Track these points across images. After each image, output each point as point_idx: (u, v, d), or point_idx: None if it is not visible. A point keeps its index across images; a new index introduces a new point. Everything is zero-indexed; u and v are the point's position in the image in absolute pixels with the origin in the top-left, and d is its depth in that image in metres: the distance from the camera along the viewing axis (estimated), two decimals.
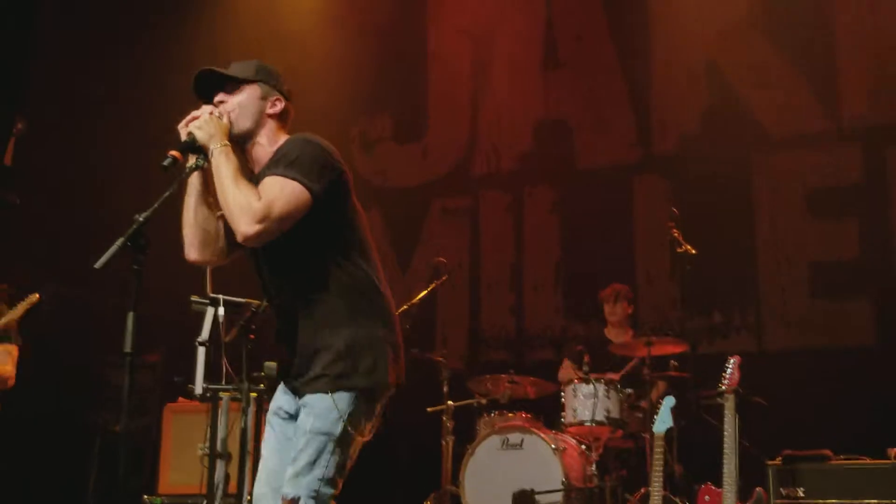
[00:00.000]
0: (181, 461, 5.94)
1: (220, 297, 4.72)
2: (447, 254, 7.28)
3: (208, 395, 4.84)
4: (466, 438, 6.34)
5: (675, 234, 6.24)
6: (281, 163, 3.26)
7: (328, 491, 3.19)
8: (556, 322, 7.92)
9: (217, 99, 3.40)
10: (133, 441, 7.18)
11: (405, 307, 6.60)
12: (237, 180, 3.21)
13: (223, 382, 4.73)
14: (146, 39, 8.71)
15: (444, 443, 6.40)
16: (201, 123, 3.31)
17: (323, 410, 3.20)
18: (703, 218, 6.95)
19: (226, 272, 4.72)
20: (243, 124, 3.39)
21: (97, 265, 3.33)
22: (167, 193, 3.57)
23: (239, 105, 3.40)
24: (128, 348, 3.35)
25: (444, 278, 6.80)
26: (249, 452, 4.63)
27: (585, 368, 6.21)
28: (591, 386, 6.06)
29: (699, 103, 7.71)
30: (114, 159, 8.32)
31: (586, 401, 6.04)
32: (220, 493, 5.04)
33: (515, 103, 8.40)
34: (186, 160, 3.33)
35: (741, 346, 6.98)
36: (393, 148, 8.87)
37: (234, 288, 4.75)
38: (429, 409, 6.52)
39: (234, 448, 4.84)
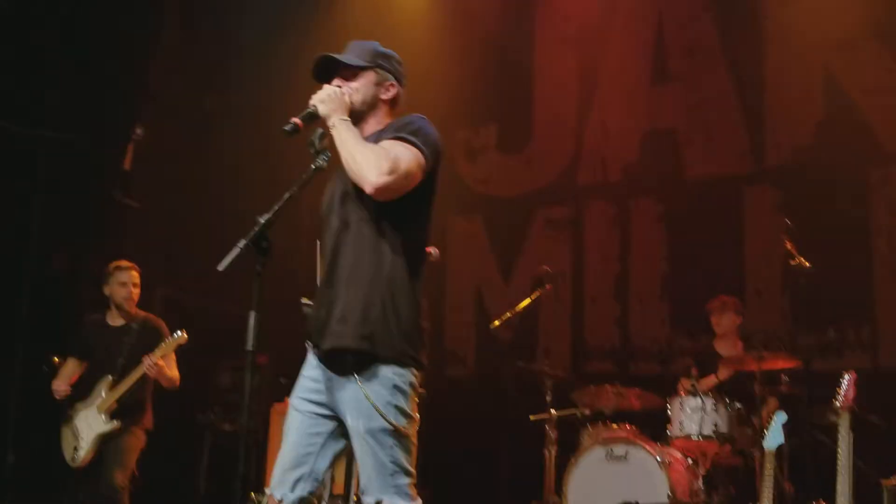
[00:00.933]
0: None
1: None
2: (550, 264, 7.24)
3: None
4: (569, 449, 6.30)
5: (789, 247, 6.09)
6: (404, 130, 3.36)
7: None
8: (661, 334, 7.82)
9: (335, 83, 3.50)
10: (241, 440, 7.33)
11: (507, 315, 6.60)
12: (362, 142, 3.31)
13: None
14: (259, 43, 8.90)
15: (546, 453, 6.37)
16: (324, 97, 3.41)
17: None
18: (817, 231, 6.78)
19: None
20: (361, 105, 3.50)
21: (220, 267, 3.41)
22: (287, 195, 3.65)
23: (355, 90, 3.50)
24: (249, 346, 3.41)
25: (548, 287, 6.77)
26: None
27: (693, 382, 6.11)
28: (699, 399, 5.96)
29: (814, 115, 7.53)
30: (230, 163, 8.53)
31: (693, 414, 5.95)
32: (326, 493, 5.10)
33: (623, 114, 8.33)
34: (308, 130, 3.41)
35: (855, 363, 6.78)
36: (497, 157, 8.90)
37: None
38: (532, 418, 6.49)
39: None
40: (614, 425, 6.27)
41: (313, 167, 3.61)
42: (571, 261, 8.34)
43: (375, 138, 3.42)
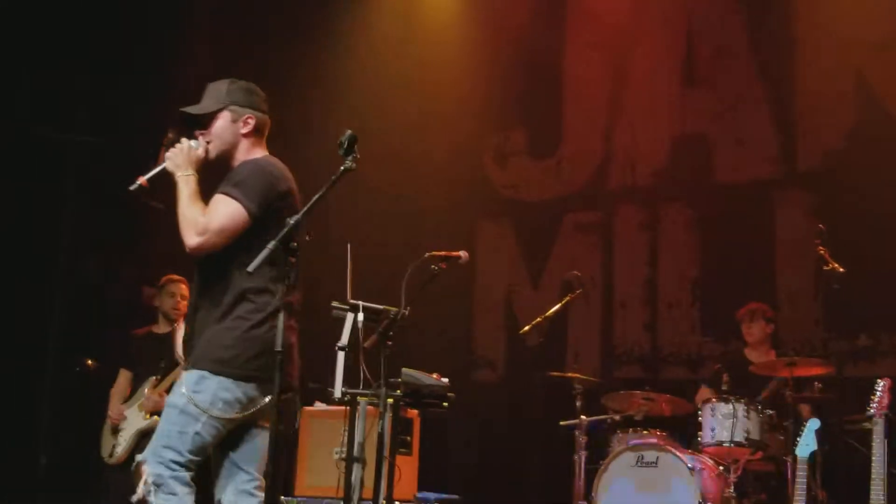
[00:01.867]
0: (317, 464, 6.03)
1: (360, 303, 4.77)
2: (579, 269, 7.21)
3: (347, 399, 4.90)
4: (599, 454, 6.27)
5: (822, 252, 6.02)
6: (229, 182, 3.71)
7: None
8: (691, 340, 7.76)
9: (197, 133, 3.87)
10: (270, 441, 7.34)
11: (538, 321, 6.57)
12: (191, 200, 3.68)
13: (361, 387, 4.79)
14: (287, 49, 8.94)
15: (576, 458, 6.34)
16: (172, 155, 3.81)
17: None
18: (850, 236, 6.70)
19: (365, 279, 4.82)
20: (220, 148, 3.85)
21: (250, 268, 3.45)
22: (316, 197, 3.67)
23: (214, 134, 3.85)
24: (278, 347, 3.43)
25: (578, 292, 6.75)
26: (385, 458, 4.67)
27: (724, 388, 6.06)
28: (731, 405, 5.91)
29: (846, 118, 7.46)
30: None
31: (725, 420, 5.90)
32: (356, 496, 5.09)
33: (652, 118, 8.29)
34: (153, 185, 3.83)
35: (889, 369, 6.67)
36: (526, 162, 8.87)
37: (372, 295, 4.82)
38: (561, 423, 6.46)
39: (369, 453, 4.88)
40: (644, 431, 6.22)
41: (342, 169, 3.65)
42: (601, 265, 8.29)
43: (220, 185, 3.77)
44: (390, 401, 4.75)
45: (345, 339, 4.76)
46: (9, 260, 7.51)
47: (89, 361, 7.32)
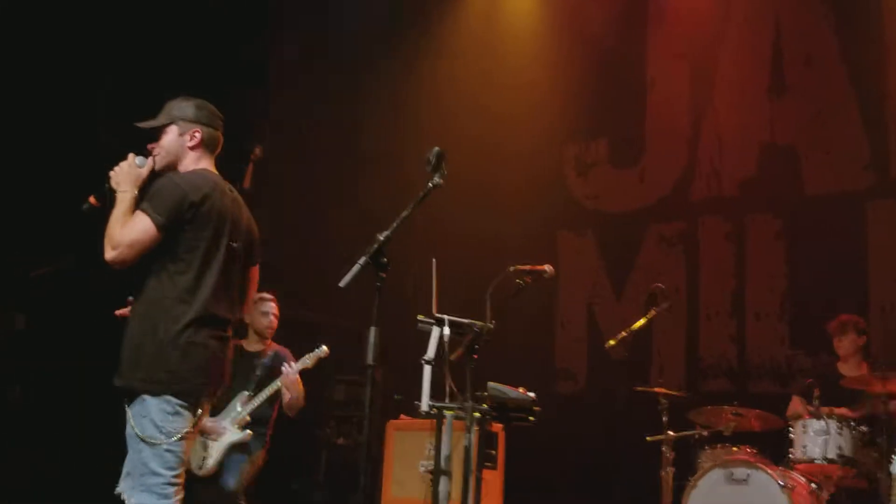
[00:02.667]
0: (403, 477, 6.06)
1: (446, 317, 4.78)
2: (663, 281, 7.11)
3: (433, 412, 4.90)
4: (687, 470, 6.16)
5: None
6: (144, 198, 3.88)
7: None
8: (780, 353, 7.61)
9: (149, 147, 4.06)
10: (354, 456, 7.42)
11: (623, 334, 6.49)
12: (119, 217, 3.84)
13: (447, 401, 4.79)
14: (371, 58, 9.02)
15: (663, 474, 6.24)
16: (114, 174, 3.96)
17: None
18: None
19: (449, 293, 4.82)
20: (166, 160, 4.04)
21: (342, 284, 3.49)
22: (405, 213, 3.70)
23: (161, 147, 4.05)
24: (370, 361, 3.46)
25: (663, 305, 6.65)
26: (472, 471, 4.66)
27: (816, 403, 5.92)
28: (823, 422, 5.76)
29: None
30: (346, 181, 8.66)
31: (817, 437, 5.76)
32: None
33: (738, 128, 8.16)
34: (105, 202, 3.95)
35: None
36: (609, 172, 8.81)
37: (456, 308, 4.82)
38: (648, 439, 6.37)
39: (455, 467, 4.88)
40: (734, 447, 6.10)
41: (430, 185, 3.67)
42: (686, 277, 8.19)
43: None
44: (477, 414, 4.74)
45: (431, 352, 4.75)
46: (100, 270, 7.70)
47: None
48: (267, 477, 6.32)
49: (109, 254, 3.80)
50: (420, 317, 4.82)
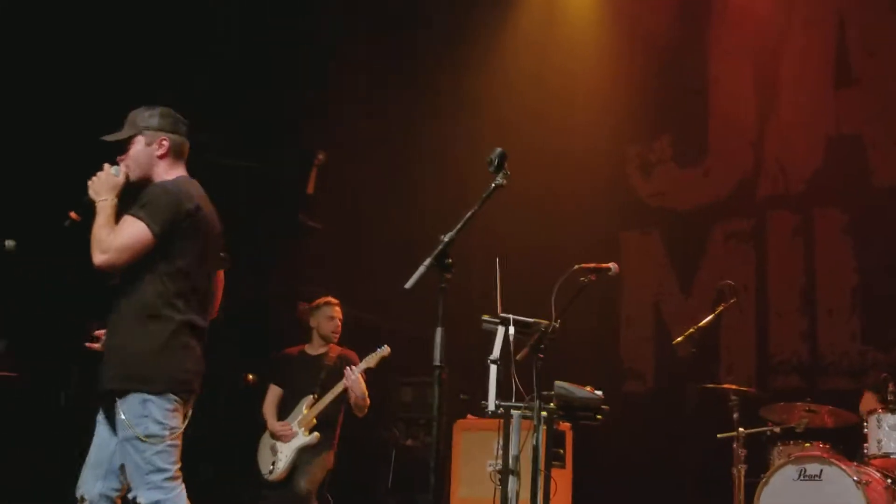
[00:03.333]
0: (471, 477, 6.09)
1: (510, 316, 4.79)
2: (731, 277, 7.03)
3: (500, 412, 4.92)
4: (759, 467, 6.09)
5: None
6: (137, 204, 3.94)
7: None
8: (853, 349, 7.48)
9: (118, 160, 4.11)
10: (422, 457, 7.45)
11: (690, 331, 6.44)
12: (103, 223, 3.91)
13: (513, 400, 4.80)
14: (432, 61, 9.07)
15: (735, 471, 6.18)
16: (92, 184, 4.03)
17: None
18: None
19: (513, 292, 4.84)
20: (137, 173, 4.11)
21: (407, 285, 3.53)
22: (469, 214, 3.73)
23: (131, 158, 4.11)
24: (437, 361, 3.49)
25: (732, 301, 6.58)
26: (541, 471, 4.66)
27: (890, 398, 5.81)
28: None
29: None
30: (408, 183, 8.72)
31: (892, 432, 5.66)
32: None
33: (804, 122, 8.03)
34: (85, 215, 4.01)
35: None
36: (673, 170, 8.74)
37: (520, 307, 4.83)
38: (718, 436, 6.31)
39: (523, 466, 4.89)
40: (806, 444, 6.02)
41: (493, 185, 3.70)
42: (754, 274, 8.09)
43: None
44: (544, 414, 4.75)
45: (496, 352, 4.78)
46: None
47: (250, 377, 7.59)
48: (336, 479, 6.39)
49: (99, 258, 3.87)
50: (485, 317, 4.85)
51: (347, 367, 6.17)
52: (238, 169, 7.75)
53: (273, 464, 6.25)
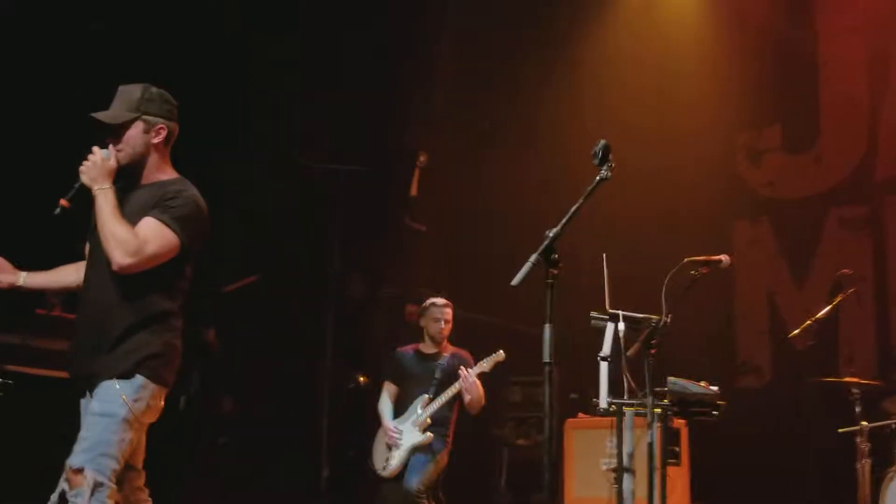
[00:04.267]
0: (585, 476, 6.04)
1: (620, 312, 4.73)
2: (848, 266, 6.80)
3: (612, 409, 4.86)
4: (884, 462, 5.88)
5: None
6: (166, 207, 3.75)
7: None
8: None
9: (107, 141, 3.83)
10: (534, 456, 7.44)
11: (807, 323, 6.26)
12: (116, 217, 3.69)
13: (625, 397, 4.74)
14: (530, 57, 9.03)
15: (859, 466, 5.97)
16: (86, 169, 3.76)
17: None
18: None
19: (622, 287, 4.77)
20: (130, 157, 3.85)
21: (513, 282, 3.50)
22: (574, 208, 3.69)
23: (125, 143, 3.84)
24: (547, 358, 3.46)
25: (850, 291, 6.37)
26: (657, 468, 4.59)
27: None
28: None
29: None
30: (510, 181, 8.71)
31: None
32: None
33: None
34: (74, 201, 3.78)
35: None
36: (783, 157, 8.52)
37: (630, 303, 4.77)
38: (840, 430, 6.11)
39: (638, 463, 4.83)
40: None
41: (598, 178, 3.65)
42: (872, 262, 7.82)
43: (150, 191, 3.83)
44: (658, 411, 4.67)
45: (606, 349, 4.73)
46: (286, 283, 8.03)
47: (361, 378, 7.69)
48: (450, 478, 6.42)
49: (126, 260, 3.66)
50: (593, 313, 4.80)
51: (463, 369, 6.20)
52: (344, 173, 7.84)
53: (387, 460, 6.35)
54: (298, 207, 8.12)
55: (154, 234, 3.72)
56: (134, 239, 3.67)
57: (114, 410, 3.66)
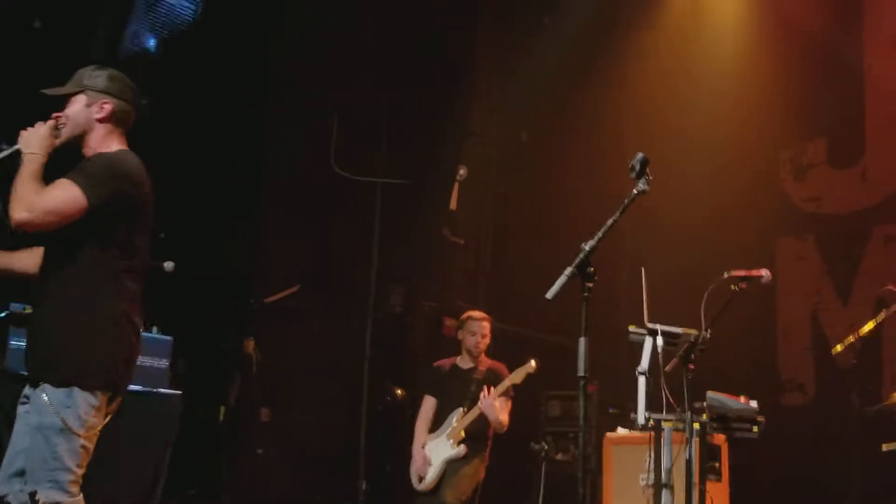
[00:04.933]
0: (624, 491, 5.98)
1: (658, 326, 4.71)
2: (892, 283, 6.70)
3: (651, 424, 4.82)
4: None
5: None
6: (80, 169, 3.68)
7: None
8: None
9: (54, 115, 3.82)
10: (573, 470, 7.39)
11: (850, 340, 6.18)
12: (28, 178, 3.61)
13: (664, 412, 4.71)
14: (572, 65, 9.02)
15: None
16: (27, 134, 3.74)
17: None
18: None
19: (662, 302, 4.74)
20: (72, 131, 3.81)
21: (549, 296, 3.50)
22: (610, 221, 3.68)
23: (67, 116, 3.82)
24: (581, 372, 3.45)
25: (894, 308, 6.27)
26: (696, 484, 4.55)
27: None
28: None
29: None
30: (548, 194, 8.70)
31: None
32: None
33: None
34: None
35: None
36: (827, 173, 8.41)
37: (670, 318, 4.74)
38: (884, 448, 6.01)
39: (676, 479, 4.79)
40: None
41: (635, 192, 3.64)
42: None
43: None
44: (696, 426, 4.63)
45: (644, 363, 4.70)
46: (326, 295, 8.08)
47: (399, 391, 7.70)
48: (487, 492, 6.39)
49: (22, 215, 3.54)
50: (632, 327, 4.77)
51: (485, 389, 6.19)
52: (384, 185, 7.89)
53: (423, 474, 6.34)
54: (339, 219, 8.17)
55: (56, 190, 3.62)
56: (31, 195, 3.59)
57: (51, 422, 3.55)
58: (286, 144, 8.15)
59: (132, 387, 4.12)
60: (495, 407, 6.15)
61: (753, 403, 4.74)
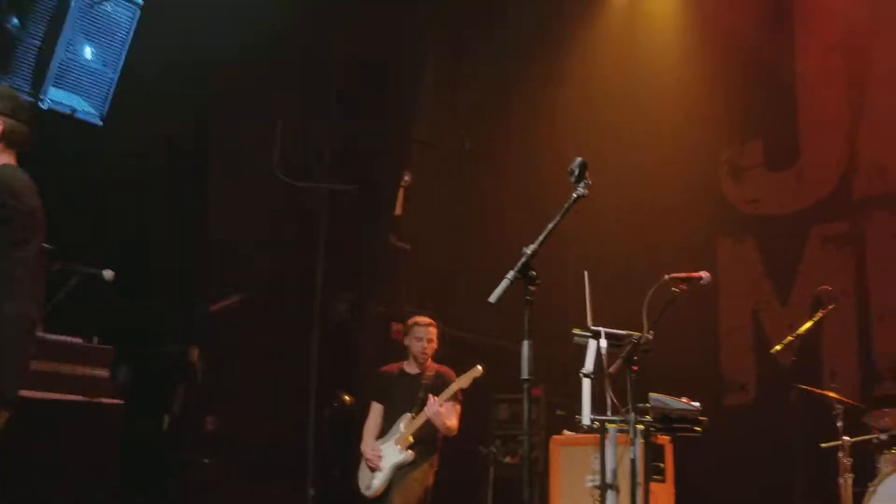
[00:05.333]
0: (571, 492, 6.04)
1: (602, 329, 4.76)
2: (830, 282, 6.85)
3: (596, 426, 4.87)
4: (866, 477, 5.90)
5: None
6: None
7: None
8: None
9: None
10: (522, 473, 7.43)
11: (789, 339, 6.30)
12: None
13: (608, 414, 4.76)
14: (515, 70, 9.08)
15: (841, 481, 6.00)
16: None
17: None
18: None
19: (605, 304, 4.80)
20: None
21: (492, 299, 3.53)
22: (551, 226, 3.72)
23: None
24: (525, 375, 3.48)
25: (831, 307, 6.41)
26: (640, 484, 4.60)
27: None
28: None
29: None
30: (491, 199, 8.74)
31: None
32: None
33: None
34: None
35: None
36: (764, 175, 8.58)
37: (613, 320, 4.79)
38: (822, 445, 6.14)
39: (622, 481, 4.84)
40: None
41: (574, 196, 3.69)
42: (854, 278, 7.87)
43: None
44: (640, 427, 4.69)
45: (589, 365, 4.74)
46: (271, 302, 8.04)
47: (346, 397, 7.68)
48: (436, 495, 6.40)
49: None
50: (575, 330, 4.82)
51: (431, 396, 6.18)
52: (329, 191, 7.88)
53: (371, 480, 6.31)
54: (283, 226, 8.14)
55: None
56: None
57: None
58: (230, 151, 8.09)
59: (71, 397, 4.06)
60: (441, 412, 6.16)
61: (696, 404, 4.81)
